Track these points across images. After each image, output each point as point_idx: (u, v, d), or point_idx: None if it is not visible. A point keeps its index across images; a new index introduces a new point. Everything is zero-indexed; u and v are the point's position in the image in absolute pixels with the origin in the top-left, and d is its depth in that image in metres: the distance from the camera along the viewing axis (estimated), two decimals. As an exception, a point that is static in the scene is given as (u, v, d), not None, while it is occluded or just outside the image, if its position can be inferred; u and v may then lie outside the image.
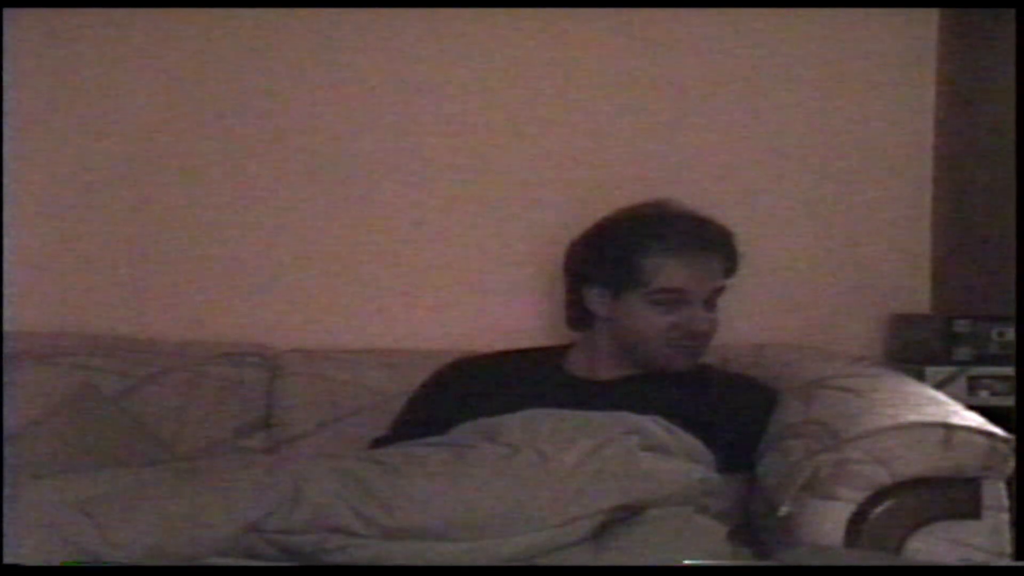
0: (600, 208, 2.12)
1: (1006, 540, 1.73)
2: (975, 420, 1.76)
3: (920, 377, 2.12)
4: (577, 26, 2.38)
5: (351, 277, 2.36)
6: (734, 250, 2.06)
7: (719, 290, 2.04)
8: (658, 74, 2.40)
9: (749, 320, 2.38)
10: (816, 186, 2.42)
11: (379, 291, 2.37)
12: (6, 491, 1.62)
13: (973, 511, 1.72)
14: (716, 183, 2.40)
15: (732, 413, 1.97)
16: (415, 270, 2.37)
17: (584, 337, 2.11)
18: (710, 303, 2.03)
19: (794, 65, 2.41)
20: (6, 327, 2.22)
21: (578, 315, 2.10)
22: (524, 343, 2.23)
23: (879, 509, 1.71)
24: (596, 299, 2.06)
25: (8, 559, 1.52)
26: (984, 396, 2.18)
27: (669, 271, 2.00)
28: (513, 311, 2.36)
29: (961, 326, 2.24)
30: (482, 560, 1.60)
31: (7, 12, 2.26)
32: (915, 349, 2.31)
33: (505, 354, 2.16)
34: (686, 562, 1.59)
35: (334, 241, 2.37)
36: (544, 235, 2.26)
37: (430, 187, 2.38)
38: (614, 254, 2.02)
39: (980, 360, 2.22)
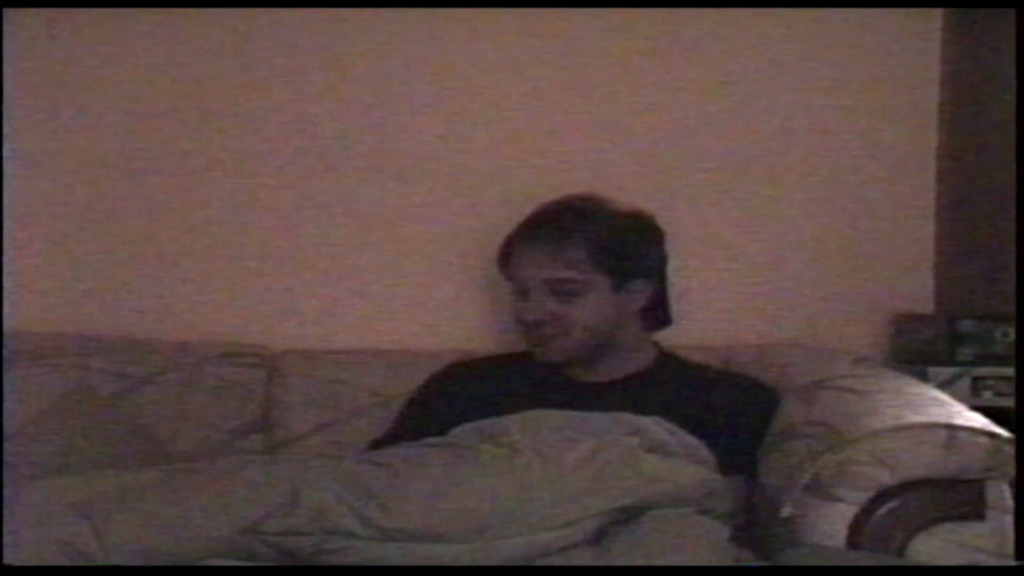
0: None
1: (1009, 541, 1.72)
2: (978, 421, 1.75)
3: (923, 378, 2.12)
4: (577, 24, 2.38)
5: (350, 277, 2.36)
6: (591, 242, 1.99)
7: (564, 281, 1.99)
8: (658, 74, 2.39)
9: (750, 320, 2.38)
10: (819, 186, 2.42)
11: (378, 291, 2.36)
12: (6, 491, 1.62)
13: (976, 512, 1.71)
14: (717, 183, 2.40)
15: (733, 414, 1.97)
16: (415, 270, 2.37)
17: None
18: (556, 293, 2.00)
19: (797, 65, 2.41)
20: (6, 327, 2.22)
21: None
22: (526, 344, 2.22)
23: (882, 510, 1.70)
24: None
25: (7, 559, 1.51)
26: (988, 397, 2.18)
27: (512, 258, 2.06)
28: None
29: (965, 326, 2.24)
30: (482, 561, 1.60)
31: (7, 12, 2.26)
32: (918, 349, 2.30)
33: (502, 357, 2.16)
34: (687, 564, 1.58)
35: (333, 241, 2.36)
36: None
37: (432, 188, 2.37)
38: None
39: (983, 361, 2.21)
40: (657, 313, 2.10)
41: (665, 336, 2.16)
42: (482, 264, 2.33)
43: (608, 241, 2.00)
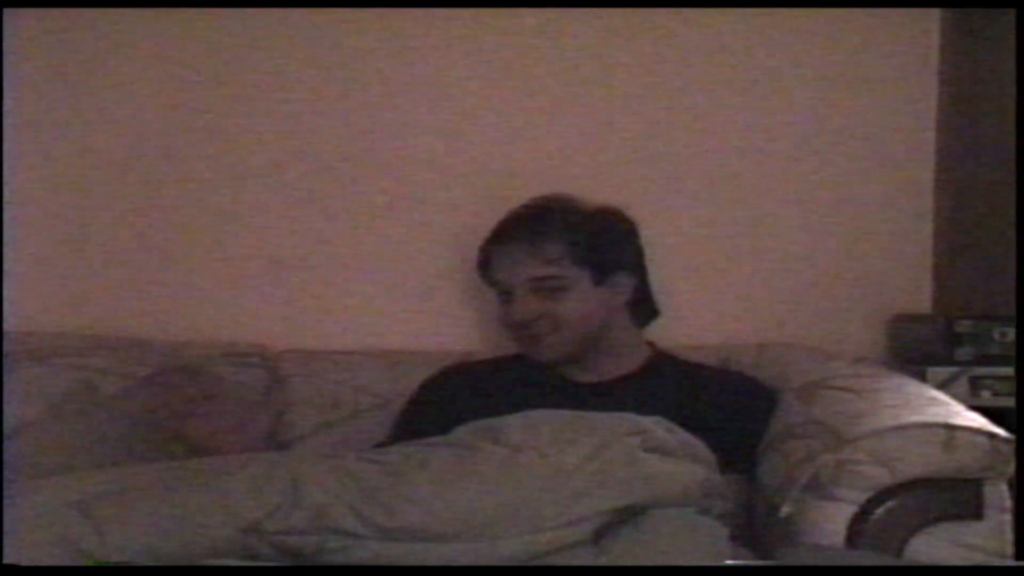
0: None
1: (1008, 541, 1.72)
2: (977, 421, 1.75)
3: (922, 377, 2.12)
4: (575, 26, 2.39)
5: (350, 278, 2.36)
6: (567, 238, 2.01)
7: (546, 278, 2.01)
8: (658, 73, 2.40)
9: (749, 320, 2.39)
10: (818, 186, 2.42)
11: (378, 292, 2.37)
12: (6, 491, 1.62)
13: (975, 512, 1.71)
14: (717, 183, 2.41)
15: (730, 412, 1.97)
16: (415, 271, 2.37)
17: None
18: (540, 292, 2.02)
19: (796, 65, 2.41)
20: (6, 327, 2.22)
21: None
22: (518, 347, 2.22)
23: (881, 510, 1.70)
24: None
25: (7, 559, 1.51)
26: (986, 396, 2.18)
27: (492, 263, 2.07)
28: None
29: (963, 326, 2.24)
30: (482, 561, 1.59)
31: (7, 12, 2.26)
32: (917, 349, 2.30)
33: (497, 359, 2.16)
34: (687, 564, 1.58)
35: (334, 241, 2.37)
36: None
37: (432, 190, 2.38)
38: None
39: (982, 360, 2.22)
40: (643, 306, 2.11)
41: (665, 336, 2.17)
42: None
43: (584, 236, 2.03)
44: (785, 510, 1.73)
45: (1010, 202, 2.22)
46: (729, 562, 1.64)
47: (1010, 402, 2.11)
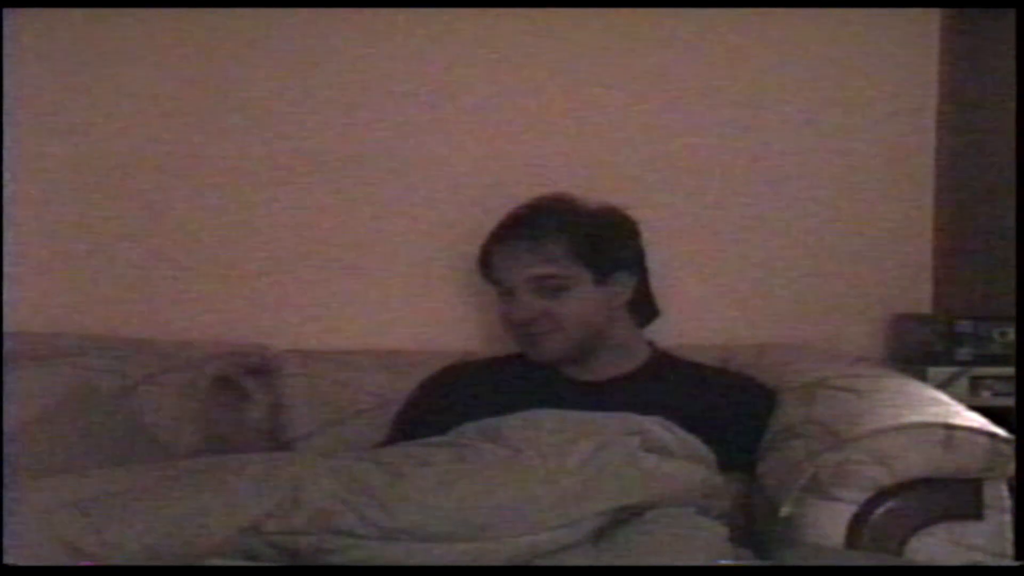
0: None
1: (1007, 541, 1.72)
2: (977, 420, 1.75)
3: (922, 377, 2.12)
4: (576, 25, 2.39)
5: (350, 278, 2.36)
6: (568, 237, 2.01)
7: (547, 277, 2.01)
8: (658, 74, 2.40)
9: (749, 320, 2.38)
10: (818, 186, 2.42)
11: (378, 292, 2.37)
12: (6, 491, 1.62)
13: (975, 512, 1.71)
14: (717, 183, 2.40)
15: (729, 412, 1.97)
16: (416, 271, 2.37)
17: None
18: (541, 291, 2.02)
19: (796, 65, 2.41)
20: (6, 327, 2.22)
21: None
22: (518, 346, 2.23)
23: (880, 510, 1.70)
24: None
25: (7, 559, 1.51)
26: (986, 396, 2.18)
27: (493, 261, 2.08)
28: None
29: (963, 326, 2.24)
30: (482, 561, 1.60)
31: (7, 12, 2.26)
32: (917, 349, 2.30)
33: (497, 359, 2.16)
34: (687, 564, 1.58)
35: (333, 241, 2.37)
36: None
37: (432, 188, 2.37)
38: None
39: (982, 360, 2.22)
40: (643, 306, 2.11)
41: (665, 336, 2.17)
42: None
43: (585, 235, 2.03)
44: (785, 510, 1.73)
45: (1010, 202, 2.22)
46: (729, 562, 1.64)
47: (1010, 402, 2.11)
